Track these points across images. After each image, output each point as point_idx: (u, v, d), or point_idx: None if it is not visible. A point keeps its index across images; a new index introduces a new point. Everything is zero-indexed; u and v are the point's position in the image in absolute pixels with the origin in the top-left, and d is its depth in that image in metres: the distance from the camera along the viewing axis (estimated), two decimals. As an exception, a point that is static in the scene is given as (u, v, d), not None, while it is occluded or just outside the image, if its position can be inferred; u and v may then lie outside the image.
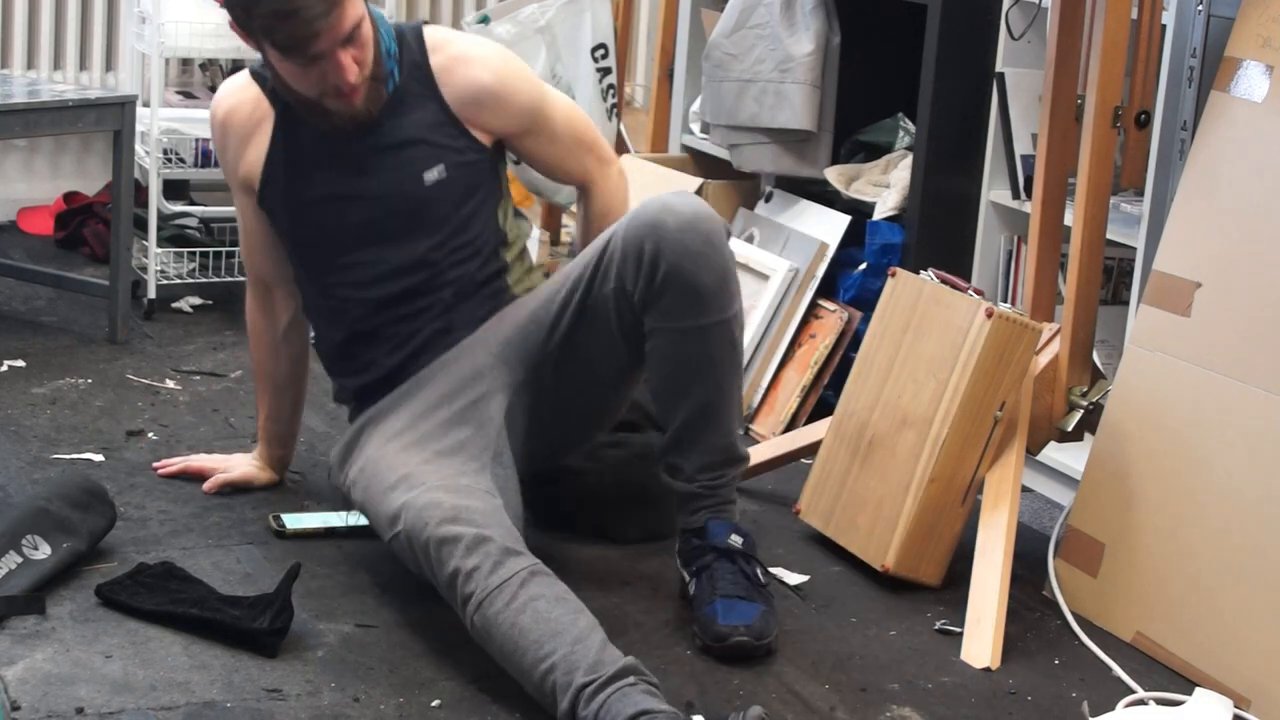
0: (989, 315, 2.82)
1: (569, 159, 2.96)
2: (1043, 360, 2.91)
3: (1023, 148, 3.35)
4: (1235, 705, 2.51)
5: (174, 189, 4.54)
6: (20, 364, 3.74)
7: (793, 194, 3.90)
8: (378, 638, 2.59)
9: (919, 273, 3.00)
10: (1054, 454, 3.15)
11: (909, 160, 3.62)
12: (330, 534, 2.94)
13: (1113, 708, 2.51)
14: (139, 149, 4.13)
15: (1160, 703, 2.55)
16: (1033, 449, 2.96)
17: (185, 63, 4.78)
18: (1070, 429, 2.95)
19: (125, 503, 2.98)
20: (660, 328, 2.67)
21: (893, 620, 2.78)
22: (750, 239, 3.89)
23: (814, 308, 3.70)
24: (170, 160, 4.27)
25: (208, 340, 4.02)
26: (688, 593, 2.71)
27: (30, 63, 4.82)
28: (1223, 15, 2.88)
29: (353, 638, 2.58)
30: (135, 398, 3.58)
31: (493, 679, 2.47)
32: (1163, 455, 2.76)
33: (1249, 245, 2.71)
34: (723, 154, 4.03)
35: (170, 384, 3.69)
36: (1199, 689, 2.54)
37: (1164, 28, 2.95)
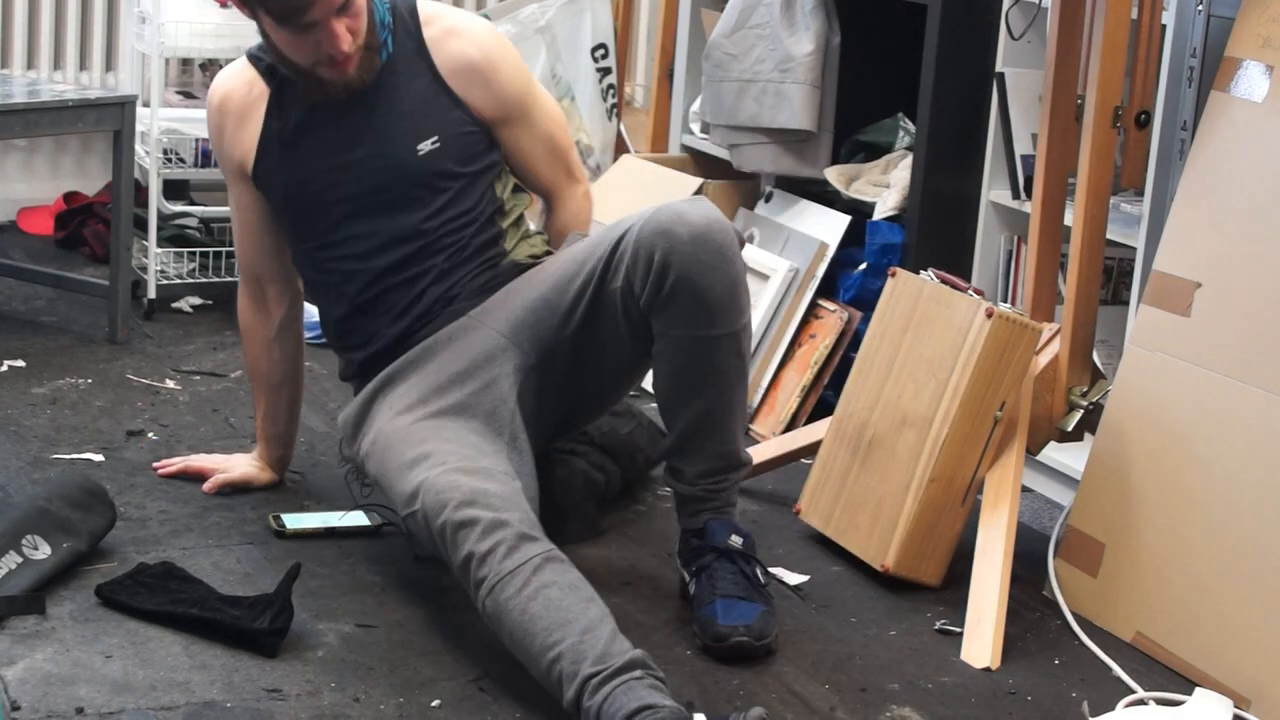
0: (989, 315, 2.82)
1: (540, 163, 2.97)
2: (1043, 360, 2.91)
3: (1023, 148, 3.35)
4: (1235, 705, 2.51)
5: (174, 189, 4.54)
6: (20, 364, 3.74)
7: (793, 194, 3.90)
8: (378, 638, 2.59)
9: (919, 273, 3.00)
10: (1054, 454, 3.15)
11: (909, 160, 3.62)
12: (330, 534, 2.94)
13: (1113, 708, 2.51)
14: (139, 149, 4.13)
15: (1160, 703, 2.55)
16: (1033, 449, 2.96)
17: (185, 63, 4.78)
18: (1070, 429, 2.95)
19: (125, 503, 2.98)
20: (667, 333, 2.66)
21: (893, 620, 2.78)
22: (750, 239, 3.89)
23: (814, 308, 3.70)
24: (170, 160, 4.27)
25: (208, 340, 4.02)
26: (688, 593, 2.71)
27: (30, 63, 4.82)
28: (1223, 15, 2.88)
29: (353, 638, 2.58)
30: (135, 398, 3.58)
31: (493, 678, 2.47)
32: (1163, 455, 2.76)
33: (1249, 245, 2.71)
34: (723, 154, 4.03)
35: (170, 384, 3.69)
36: (1199, 689, 2.54)
37: (1164, 28, 2.95)
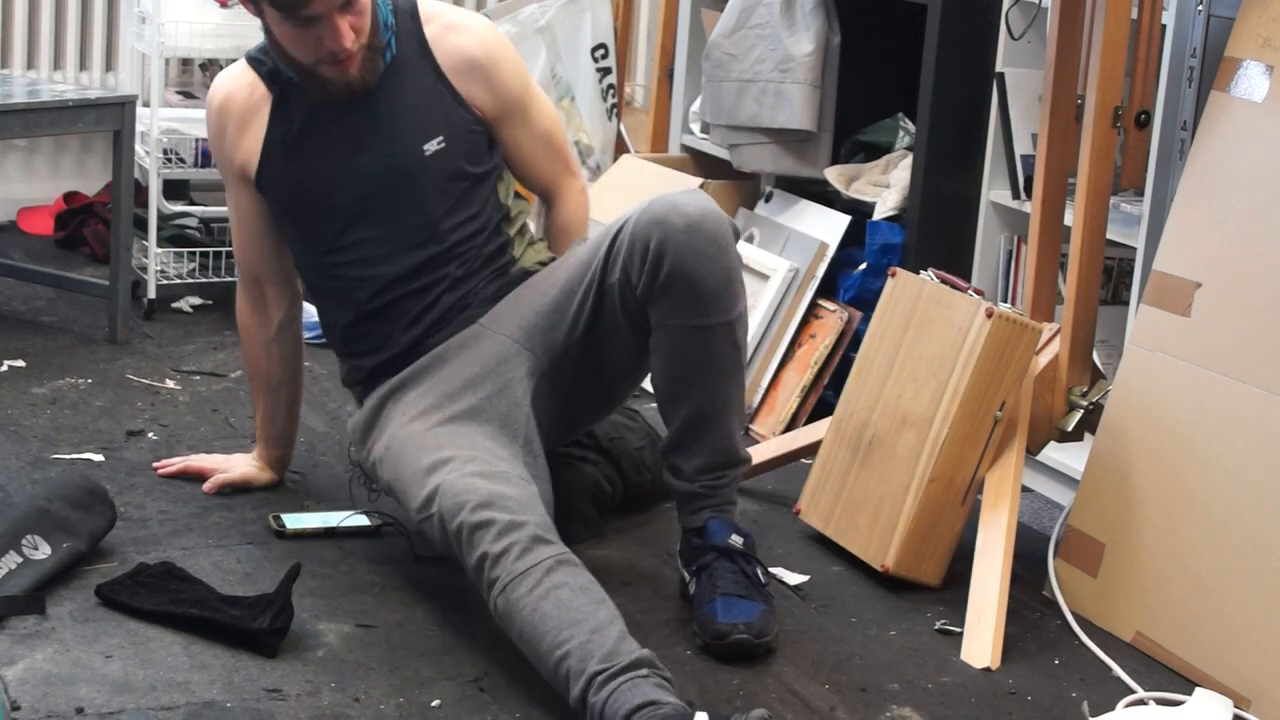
0: (989, 315, 2.82)
1: (539, 160, 2.98)
2: (1043, 360, 2.91)
3: (1023, 148, 3.35)
4: (1235, 705, 2.51)
5: (174, 189, 4.54)
6: (20, 364, 3.74)
7: (793, 194, 3.90)
8: (378, 638, 2.59)
9: (919, 273, 3.00)
10: (1054, 454, 3.15)
11: (909, 160, 3.62)
12: (330, 534, 2.94)
13: (1113, 708, 2.51)
14: (139, 149, 4.13)
15: (1160, 703, 2.55)
16: (1033, 449, 2.96)
17: (185, 63, 4.78)
18: (1070, 429, 2.95)
19: (125, 503, 2.98)
20: (663, 324, 2.67)
21: (893, 620, 2.78)
22: (750, 239, 3.89)
23: (814, 308, 3.70)
24: (170, 160, 4.27)
25: (208, 340, 4.02)
26: (688, 592, 2.71)
27: (30, 63, 4.82)
28: (1223, 15, 2.88)
29: (353, 638, 2.58)
30: (135, 398, 3.58)
31: (493, 678, 2.47)
32: (1163, 455, 2.76)
33: (1249, 245, 2.71)
34: (723, 154, 4.03)
35: (170, 384, 3.69)
36: (1199, 689, 2.54)
37: (1164, 28, 2.95)
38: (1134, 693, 2.58)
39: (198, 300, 4.32)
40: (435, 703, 2.41)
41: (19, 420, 3.39)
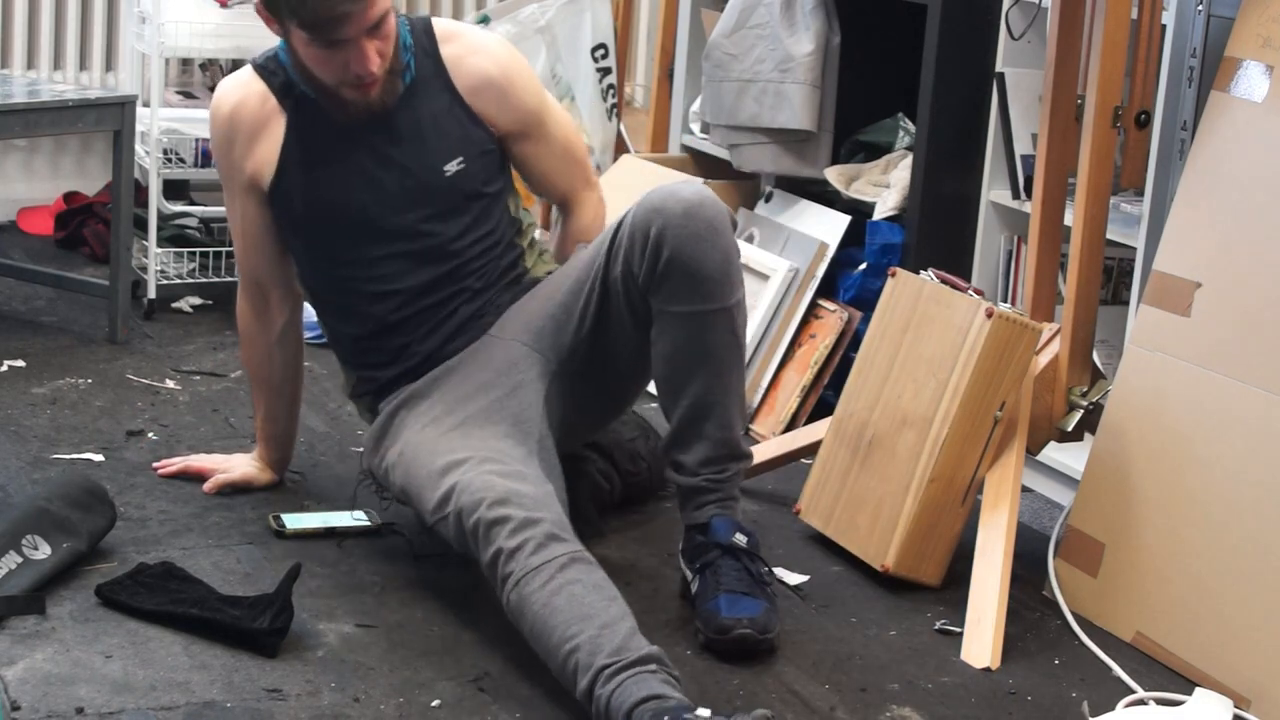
0: (989, 315, 2.82)
1: (558, 172, 3.01)
2: (1043, 360, 2.91)
3: (1023, 148, 3.35)
4: (1235, 705, 2.51)
5: (174, 189, 4.53)
6: (20, 364, 3.74)
7: (793, 194, 3.90)
8: (378, 638, 2.59)
9: (919, 273, 3.00)
10: (1054, 454, 3.15)
11: (909, 160, 3.62)
12: (330, 534, 2.94)
13: (1113, 708, 2.51)
14: (139, 149, 4.13)
15: (1160, 703, 2.55)
16: (1033, 449, 2.96)
17: (185, 63, 4.78)
18: (1070, 429, 2.95)
19: (125, 503, 2.98)
20: (663, 311, 2.69)
21: (893, 620, 2.78)
22: (750, 239, 3.89)
23: (814, 308, 3.70)
24: (170, 160, 4.27)
25: (208, 340, 4.02)
26: (689, 590, 2.71)
27: (30, 63, 4.82)
28: (1223, 15, 2.88)
29: (353, 638, 2.58)
30: (135, 398, 3.58)
31: (493, 678, 2.47)
32: (1163, 455, 2.76)
33: (1249, 245, 2.71)
34: (723, 154, 4.03)
35: (170, 384, 3.69)
36: (1199, 689, 2.54)
37: (1164, 28, 2.95)
38: (1134, 693, 2.58)
39: (198, 300, 4.32)
40: (435, 703, 2.41)
41: (19, 420, 3.39)
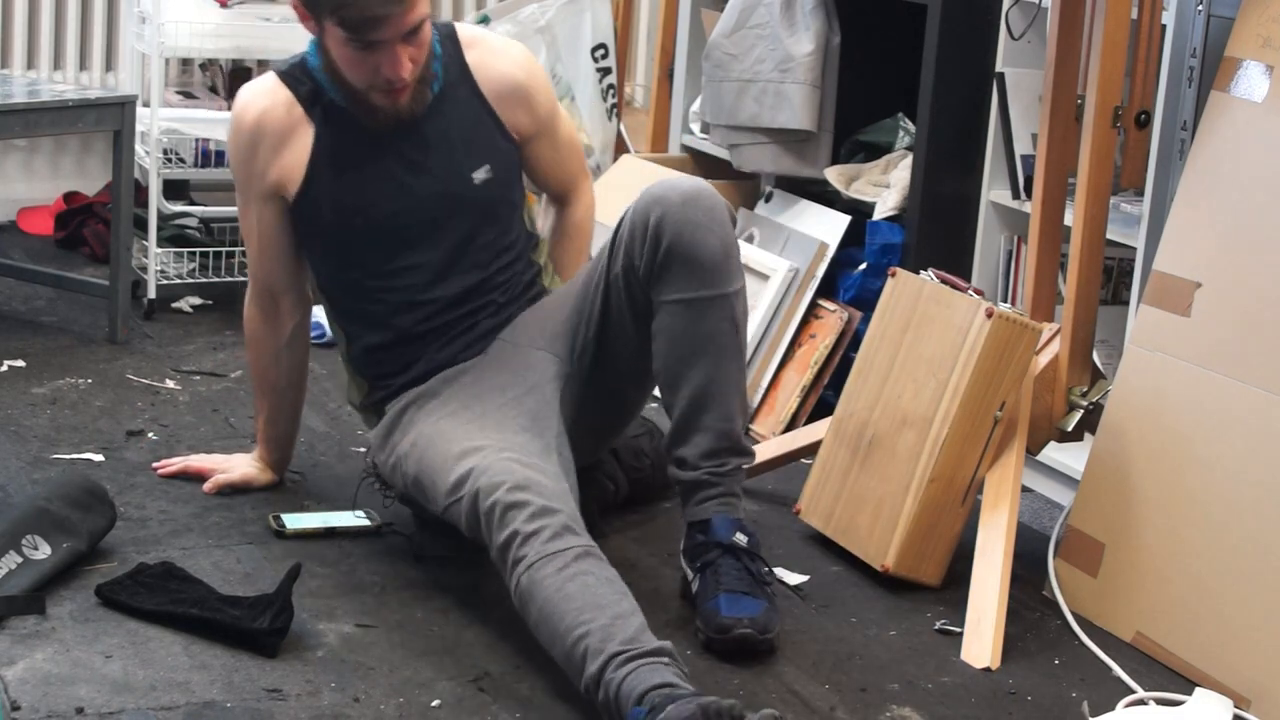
0: (989, 315, 2.82)
1: (564, 167, 3.03)
2: (1043, 360, 2.91)
3: (1023, 148, 3.35)
4: (1235, 705, 2.51)
5: (174, 189, 4.54)
6: (20, 364, 3.74)
7: (793, 194, 3.90)
8: (378, 638, 2.59)
9: (919, 273, 3.00)
10: (1054, 454, 3.15)
11: (909, 160, 3.62)
12: (330, 534, 2.94)
13: (1113, 708, 2.51)
14: (139, 149, 4.13)
15: (1160, 703, 2.55)
16: (1033, 449, 2.96)
17: (185, 63, 4.77)
18: (1070, 429, 2.95)
19: (125, 503, 2.98)
20: (664, 301, 2.70)
21: (893, 620, 2.78)
22: (750, 239, 3.89)
23: (814, 308, 3.70)
24: (170, 160, 4.27)
25: (208, 340, 4.02)
26: (690, 590, 2.71)
27: (30, 63, 4.81)
28: (1223, 15, 2.88)
29: (353, 638, 2.58)
30: (135, 398, 3.58)
31: (493, 678, 2.47)
32: (1163, 455, 2.76)
33: (1249, 245, 2.71)
34: (723, 154, 4.03)
35: (170, 384, 3.69)
36: (1199, 689, 2.54)
37: (1164, 28, 2.95)
38: (1134, 693, 2.58)
39: (198, 300, 4.32)
40: (435, 703, 2.41)
41: (19, 420, 3.39)
